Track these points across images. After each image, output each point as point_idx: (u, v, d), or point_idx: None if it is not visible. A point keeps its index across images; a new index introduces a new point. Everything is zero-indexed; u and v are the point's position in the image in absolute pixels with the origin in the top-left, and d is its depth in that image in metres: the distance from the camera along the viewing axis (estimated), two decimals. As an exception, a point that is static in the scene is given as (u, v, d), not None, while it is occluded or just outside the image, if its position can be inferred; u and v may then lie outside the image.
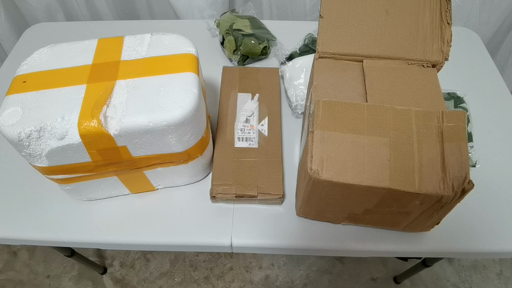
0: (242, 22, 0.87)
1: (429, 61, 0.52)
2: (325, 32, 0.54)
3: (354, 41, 0.53)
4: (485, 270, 1.22)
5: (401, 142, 0.44)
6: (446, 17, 0.52)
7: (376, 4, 0.54)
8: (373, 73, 0.52)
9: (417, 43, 0.53)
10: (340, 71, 0.53)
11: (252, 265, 1.22)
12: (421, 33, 0.53)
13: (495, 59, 1.23)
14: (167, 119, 0.48)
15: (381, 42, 0.53)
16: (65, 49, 0.56)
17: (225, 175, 0.62)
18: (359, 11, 0.54)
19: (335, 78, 0.52)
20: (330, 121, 0.45)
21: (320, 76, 0.52)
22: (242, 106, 0.71)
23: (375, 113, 0.46)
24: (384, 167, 0.43)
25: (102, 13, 1.16)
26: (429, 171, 0.43)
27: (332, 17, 0.54)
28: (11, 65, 0.86)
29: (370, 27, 0.53)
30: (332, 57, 0.54)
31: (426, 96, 0.49)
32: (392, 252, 0.61)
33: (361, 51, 0.53)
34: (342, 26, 0.53)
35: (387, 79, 0.51)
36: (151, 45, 0.56)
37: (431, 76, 0.52)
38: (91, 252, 1.24)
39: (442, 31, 0.52)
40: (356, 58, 0.54)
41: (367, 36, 0.53)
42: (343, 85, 0.51)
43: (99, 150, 0.49)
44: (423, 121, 0.45)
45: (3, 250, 1.26)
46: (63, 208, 0.63)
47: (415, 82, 0.51)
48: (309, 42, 0.84)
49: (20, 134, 0.46)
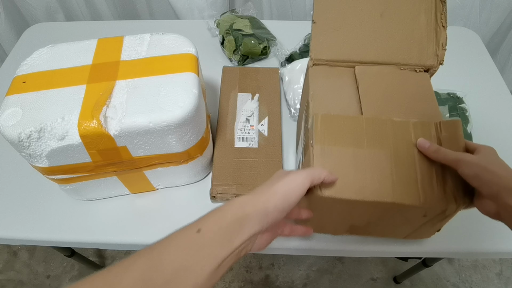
0: (242, 22, 0.87)
1: (423, 66, 0.52)
2: (318, 38, 0.52)
3: (348, 47, 0.52)
4: (485, 270, 1.22)
5: (402, 154, 0.43)
6: (441, 19, 0.51)
7: (370, 7, 0.52)
8: (365, 80, 0.51)
9: (412, 47, 0.52)
10: (335, 78, 0.52)
11: (252, 265, 1.22)
12: (416, 37, 0.51)
13: (495, 59, 1.23)
14: (167, 119, 0.48)
15: (376, 47, 0.52)
16: (65, 49, 0.56)
17: (225, 175, 0.62)
18: (352, 15, 0.52)
19: (331, 86, 0.51)
20: (330, 135, 0.44)
21: (316, 84, 0.51)
22: (242, 106, 0.71)
23: (374, 125, 0.45)
24: (386, 180, 0.42)
25: (102, 13, 1.16)
26: (432, 182, 0.42)
27: (325, 22, 0.52)
28: (11, 65, 0.86)
29: (364, 31, 0.52)
30: (326, 64, 0.53)
31: (420, 102, 0.49)
32: (392, 252, 0.61)
33: (355, 57, 0.52)
34: (335, 31, 0.52)
35: (380, 86, 0.50)
36: (151, 45, 0.56)
37: (423, 81, 0.51)
38: (91, 252, 1.24)
39: (437, 34, 0.51)
40: (350, 64, 0.52)
41: (361, 41, 0.52)
42: (339, 93, 0.50)
43: (99, 151, 0.49)
44: (422, 131, 0.44)
45: (3, 250, 1.26)
46: (63, 208, 0.63)
47: (408, 88, 0.50)
48: (309, 42, 0.84)
49: (20, 135, 0.46)
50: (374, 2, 0.52)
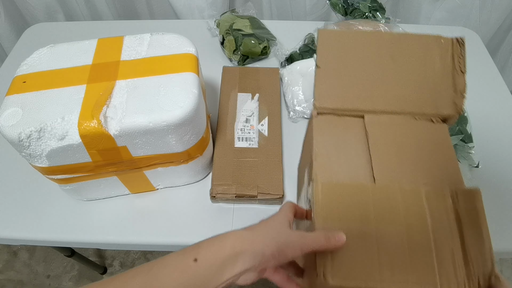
0: (242, 22, 0.87)
1: (440, 115, 0.45)
2: (322, 84, 0.46)
3: (356, 94, 0.46)
4: (485, 270, 1.21)
5: (415, 232, 0.37)
6: (459, 64, 0.46)
7: (380, 49, 0.47)
8: (376, 132, 0.45)
9: (426, 94, 0.46)
10: (342, 130, 0.45)
11: (252, 265, 1.22)
12: (431, 83, 0.46)
13: (495, 59, 1.23)
14: (167, 119, 0.48)
15: (387, 93, 0.46)
16: (65, 49, 0.56)
17: (225, 175, 0.62)
18: (360, 58, 0.47)
19: (337, 141, 0.45)
20: (333, 209, 0.39)
21: (320, 140, 0.44)
22: (242, 106, 0.71)
23: (382, 195, 0.39)
24: (399, 263, 0.36)
25: (102, 13, 1.16)
26: (451, 267, 0.36)
27: (329, 66, 0.46)
28: (11, 65, 0.86)
29: (374, 76, 0.46)
30: (332, 113, 0.46)
31: (438, 159, 0.43)
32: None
33: (364, 105, 0.46)
34: (341, 77, 0.46)
35: (393, 139, 0.44)
36: (151, 45, 0.56)
37: (441, 133, 0.45)
38: (91, 252, 1.24)
39: (454, 80, 0.46)
40: (359, 113, 0.46)
41: (371, 87, 0.46)
42: (346, 149, 0.44)
43: (99, 150, 0.49)
44: (436, 203, 0.39)
45: (3, 250, 1.26)
46: (63, 208, 0.63)
47: (424, 142, 0.44)
48: (309, 42, 0.84)
49: (20, 135, 0.46)
50: (383, 45, 0.47)
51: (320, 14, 1.14)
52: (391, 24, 0.79)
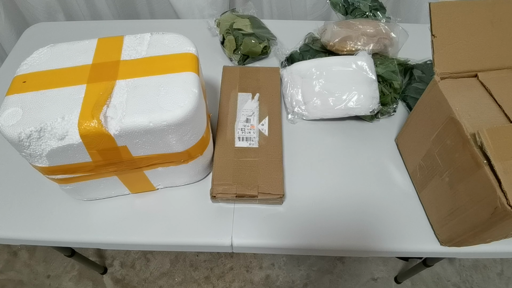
0: (242, 21, 0.86)
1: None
2: (440, 52, 0.53)
3: (468, 57, 0.54)
4: (486, 270, 1.22)
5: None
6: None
7: (480, 16, 0.54)
8: (495, 86, 0.52)
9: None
10: (466, 89, 0.53)
11: (253, 265, 1.22)
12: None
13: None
14: (167, 119, 0.48)
15: (492, 53, 0.54)
16: (65, 49, 0.56)
17: (225, 175, 0.62)
18: (466, 26, 0.54)
19: (465, 97, 0.52)
20: (504, 150, 0.43)
21: (452, 98, 0.52)
22: (242, 105, 0.71)
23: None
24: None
25: (102, 13, 1.16)
26: None
27: (444, 35, 0.53)
28: (11, 65, 0.86)
29: (479, 40, 0.54)
30: (450, 77, 0.54)
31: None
32: (393, 252, 0.61)
33: (475, 66, 0.54)
34: (454, 43, 0.53)
35: (510, 88, 0.52)
36: (151, 45, 0.56)
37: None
38: (91, 252, 1.24)
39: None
40: (471, 74, 0.54)
41: (478, 50, 0.54)
42: (477, 103, 0.51)
43: (99, 150, 0.49)
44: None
45: (3, 250, 1.26)
46: (63, 208, 0.63)
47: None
48: (309, 41, 0.84)
49: (20, 135, 0.46)
50: (482, 12, 0.54)
51: (321, 13, 1.14)
52: (391, 24, 0.79)
